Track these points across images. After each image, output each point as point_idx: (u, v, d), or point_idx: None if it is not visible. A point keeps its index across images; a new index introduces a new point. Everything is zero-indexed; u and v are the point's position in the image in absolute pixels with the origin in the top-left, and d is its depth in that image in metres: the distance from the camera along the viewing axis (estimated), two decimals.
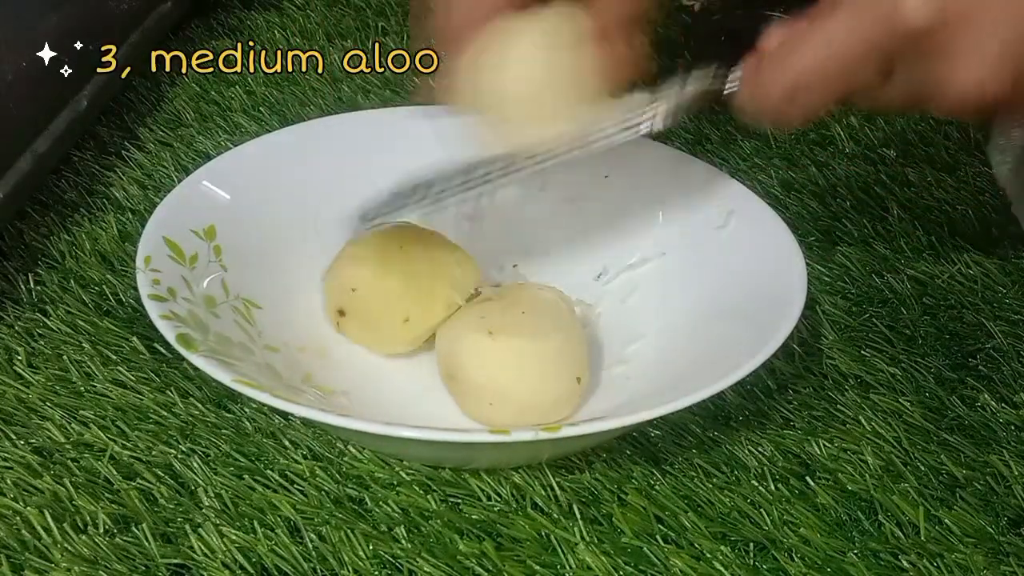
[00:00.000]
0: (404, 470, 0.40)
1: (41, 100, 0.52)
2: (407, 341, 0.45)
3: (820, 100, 0.38)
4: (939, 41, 0.35)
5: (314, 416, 0.36)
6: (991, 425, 0.44)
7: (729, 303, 0.45)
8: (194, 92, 0.65)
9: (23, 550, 0.36)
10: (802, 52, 0.37)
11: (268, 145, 0.51)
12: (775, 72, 0.38)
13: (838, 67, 0.37)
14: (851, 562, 0.38)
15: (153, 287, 0.41)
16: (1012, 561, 0.38)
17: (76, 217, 0.54)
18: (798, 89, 0.37)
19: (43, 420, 0.42)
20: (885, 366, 0.47)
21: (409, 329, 0.44)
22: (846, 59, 0.36)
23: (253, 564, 0.37)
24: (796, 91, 0.37)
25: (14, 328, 0.46)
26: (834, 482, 0.41)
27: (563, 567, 0.37)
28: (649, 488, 0.40)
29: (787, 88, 0.38)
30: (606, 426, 0.36)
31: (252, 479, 0.40)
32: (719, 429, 0.43)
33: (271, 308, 0.45)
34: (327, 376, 0.44)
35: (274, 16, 0.75)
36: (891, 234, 0.55)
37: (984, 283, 0.52)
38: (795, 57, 0.37)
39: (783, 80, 0.38)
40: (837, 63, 0.36)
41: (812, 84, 0.37)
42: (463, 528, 0.38)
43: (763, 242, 0.46)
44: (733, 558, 0.38)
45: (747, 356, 0.39)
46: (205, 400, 0.43)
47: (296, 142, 0.51)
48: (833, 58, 0.36)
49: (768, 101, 0.39)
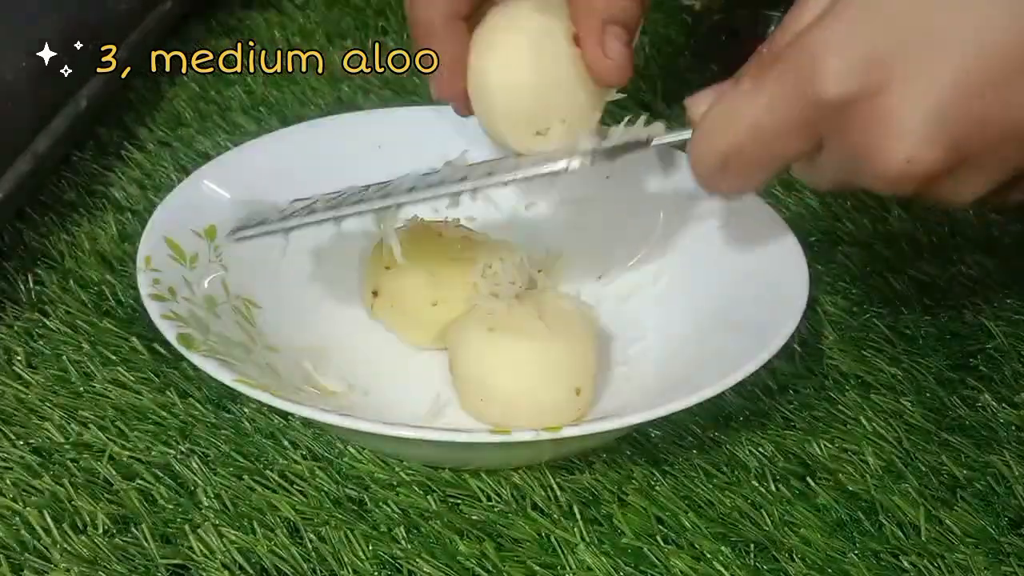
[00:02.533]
0: (404, 470, 0.40)
1: (41, 100, 0.52)
2: (434, 327, 0.45)
3: (752, 174, 0.37)
4: (863, 114, 0.32)
5: (314, 416, 0.36)
6: (992, 425, 0.44)
7: (730, 304, 0.45)
8: (194, 92, 0.65)
9: (22, 550, 0.36)
10: (726, 129, 0.36)
11: (269, 145, 0.51)
12: (702, 147, 0.37)
13: (763, 143, 0.35)
14: (852, 563, 0.38)
15: (153, 287, 0.41)
16: (1013, 561, 0.38)
17: (76, 217, 0.54)
18: (727, 164, 0.36)
19: (42, 420, 0.41)
20: (886, 366, 0.47)
21: (437, 314, 0.45)
22: (770, 135, 0.35)
23: (252, 564, 0.37)
24: (726, 166, 0.36)
25: (13, 328, 0.46)
26: (835, 482, 0.41)
27: (563, 568, 0.37)
28: (649, 488, 0.40)
29: (716, 164, 0.36)
30: (606, 426, 0.36)
31: (252, 479, 0.40)
32: (720, 429, 0.43)
33: (271, 308, 0.45)
34: (327, 376, 0.44)
35: (274, 16, 0.75)
36: (892, 234, 0.55)
37: (984, 283, 0.52)
38: (720, 134, 0.36)
39: (711, 156, 0.36)
40: (761, 139, 0.35)
41: (740, 160, 0.36)
42: (463, 528, 0.38)
43: (763, 242, 0.46)
44: (733, 559, 0.38)
45: (748, 356, 0.39)
46: (204, 400, 0.43)
47: (296, 142, 0.51)
48: (757, 133, 0.35)
49: (699, 172, 0.37)
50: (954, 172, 0.33)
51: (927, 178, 0.33)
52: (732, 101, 0.36)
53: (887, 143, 0.32)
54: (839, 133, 0.34)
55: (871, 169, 0.33)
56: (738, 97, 0.35)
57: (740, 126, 0.35)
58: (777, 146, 0.35)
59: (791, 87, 0.34)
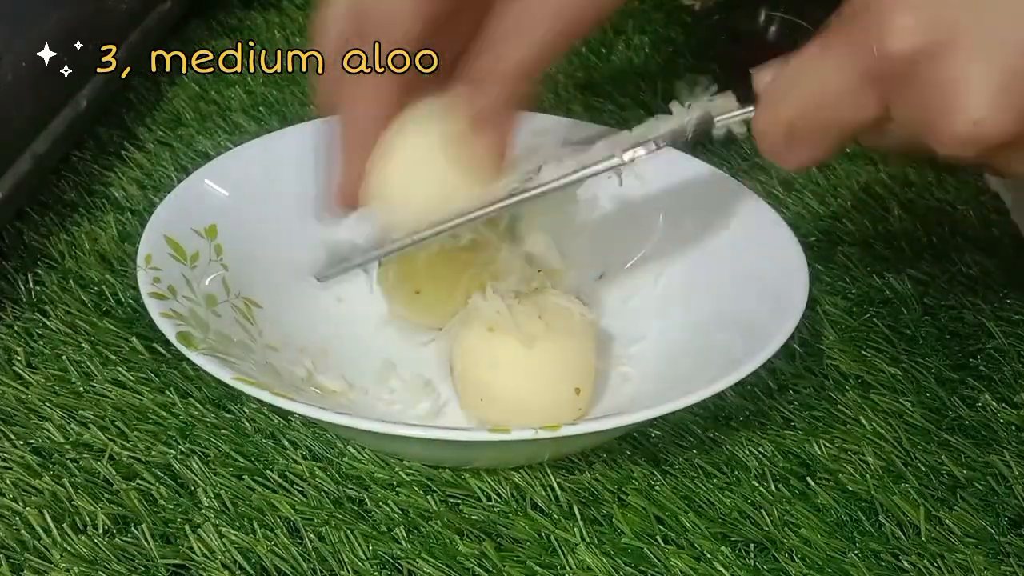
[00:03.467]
0: (404, 470, 0.40)
1: (41, 100, 0.52)
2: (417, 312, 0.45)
3: (819, 142, 0.35)
4: (930, 72, 0.31)
5: (314, 414, 0.36)
6: (992, 425, 0.44)
7: (729, 303, 0.45)
8: (194, 92, 0.65)
9: (22, 550, 0.36)
10: (793, 94, 0.35)
11: (269, 145, 0.51)
12: (768, 117, 0.36)
13: (829, 107, 0.34)
14: (852, 563, 0.38)
15: (153, 285, 0.41)
16: (1013, 561, 0.38)
17: (75, 217, 0.54)
18: (793, 133, 0.35)
19: (42, 420, 0.41)
20: (886, 366, 0.47)
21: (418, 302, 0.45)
22: (836, 97, 0.33)
23: (252, 564, 0.37)
24: (792, 135, 0.35)
25: (13, 328, 0.46)
26: (835, 482, 0.41)
27: (563, 568, 0.37)
28: (649, 488, 0.40)
29: (782, 133, 0.35)
30: (606, 426, 0.36)
31: (252, 479, 0.40)
32: (719, 429, 0.43)
33: (272, 307, 0.45)
34: (327, 375, 0.44)
35: (274, 16, 0.75)
36: (892, 234, 0.55)
37: (984, 283, 0.52)
38: (786, 100, 0.35)
39: (777, 125, 0.35)
40: (828, 102, 0.34)
41: (806, 127, 0.35)
42: (463, 528, 0.38)
43: (763, 242, 0.46)
44: (733, 559, 0.38)
45: (747, 356, 0.39)
46: (204, 400, 0.43)
47: (297, 142, 0.51)
48: (823, 97, 0.34)
49: (766, 146, 0.36)
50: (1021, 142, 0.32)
51: (994, 144, 0.31)
52: (797, 66, 0.34)
53: (955, 104, 0.31)
54: (905, 92, 0.32)
55: (937, 131, 0.32)
56: (803, 62, 0.34)
57: (805, 90, 0.34)
58: (844, 108, 0.34)
59: (857, 45, 0.32)
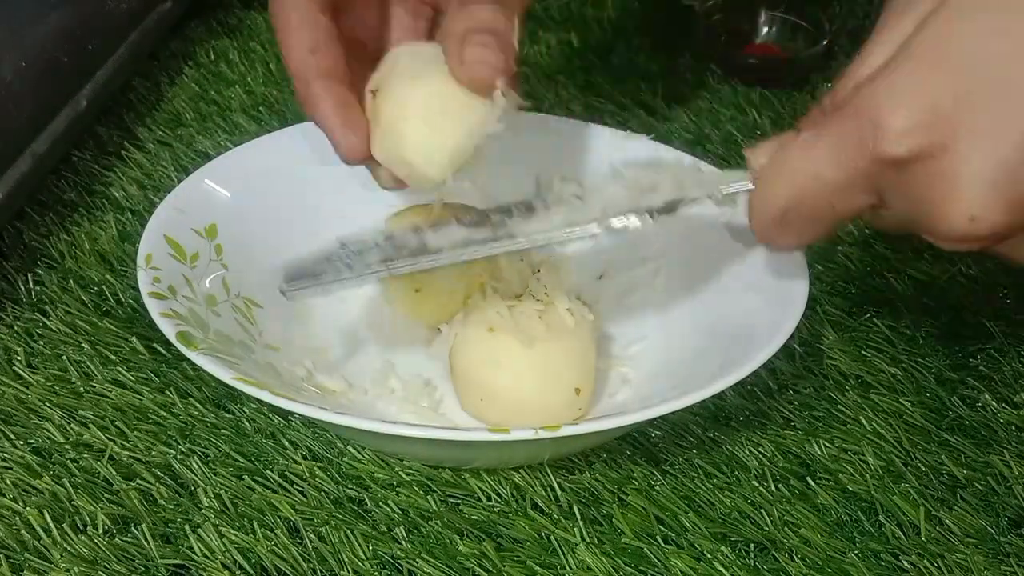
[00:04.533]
0: (404, 470, 0.40)
1: (41, 100, 0.52)
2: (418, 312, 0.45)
3: (811, 229, 0.36)
4: (926, 171, 0.32)
5: (314, 414, 0.36)
6: (991, 425, 0.44)
7: (729, 304, 0.45)
8: (193, 92, 0.65)
9: (23, 550, 0.36)
10: (785, 182, 0.35)
11: (269, 145, 0.51)
12: (761, 202, 0.36)
13: (823, 197, 0.35)
14: (851, 562, 0.38)
15: (154, 285, 0.41)
16: (1012, 561, 0.38)
17: (75, 217, 0.54)
18: (786, 219, 0.36)
19: (42, 420, 0.41)
20: (886, 366, 0.47)
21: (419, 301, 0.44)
22: (829, 189, 0.34)
23: (252, 564, 0.37)
24: (784, 222, 0.36)
25: (13, 328, 0.46)
26: (835, 482, 0.41)
27: (563, 568, 0.37)
28: (649, 488, 0.40)
29: (775, 219, 0.36)
30: (606, 425, 0.36)
31: (252, 479, 0.40)
32: (719, 429, 0.43)
33: (272, 307, 0.45)
34: (327, 375, 0.44)
35: None
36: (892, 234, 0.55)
37: (984, 283, 0.52)
38: (778, 188, 0.35)
39: (770, 211, 0.36)
40: (821, 193, 0.34)
41: (799, 215, 0.35)
42: (463, 528, 0.38)
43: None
44: (733, 559, 0.38)
45: (748, 356, 0.39)
46: (204, 400, 0.43)
47: (297, 142, 0.51)
48: (816, 188, 0.34)
49: (758, 228, 0.37)
50: (1017, 233, 0.32)
51: (991, 238, 0.32)
52: (792, 153, 0.35)
53: (950, 202, 0.32)
54: (901, 190, 0.33)
55: (934, 227, 0.33)
56: (798, 149, 0.35)
57: (800, 179, 0.35)
58: (838, 200, 0.34)
59: (853, 142, 0.33)
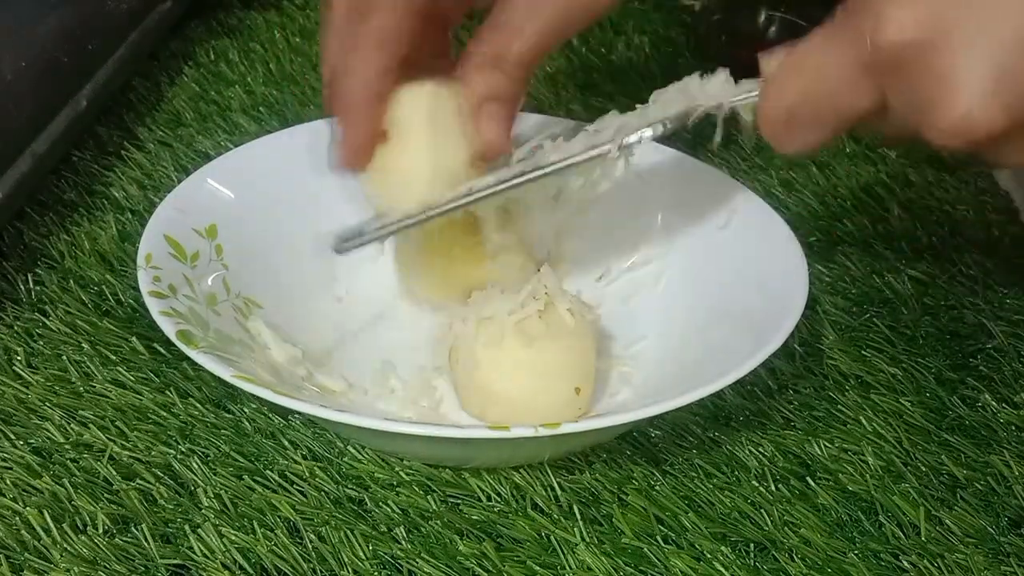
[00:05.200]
0: (404, 470, 0.40)
1: (41, 100, 0.52)
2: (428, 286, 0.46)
3: (818, 128, 0.36)
4: (922, 65, 0.32)
5: (313, 412, 0.36)
6: (992, 425, 0.44)
7: (729, 303, 0.45)
8: (193, 92, 0.65)
9: (22, 550, 0.36)
10: (794, 81, 0.36)
11: (270, 144, 0.51)
12: (771, 102, 0.37)
13: (829, 95, 0.35)
14: (852, 563, 0.38)
15: (154, 284, 0.41)
16: (1012, 561, 0.38)
17: (75, 217, 0.54)
18: (793, 118, 0.36)
19: (42, 420, 0.41)
20: (886, 366, 0.47)
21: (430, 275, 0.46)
22: (835, 86, 0.35)
23: (252, 565, 0.37)
24: (792, 120, 0.36)
25: (13, 328, 0.46)
26: (835, 482, 0.41)
27: (563, 568, 0.37)
28: (649, 488, 0.40)
29: (783, 118, 0.36)
30: (605, 423, 0.36)
31: (252, 479, 0.40)
32: (719, 429, 0.43)
33: (272, 307, 0.45)
34: (327, 375, 0.44)
35: (274, 16, 0.75)
36: (892, 234, 0.55)
37: (984, 283, 0.52)
38: (787, 87, 0.36)
39: (779, 110, 0.36)
40: (827, 91, 0.35)
41: (806, 113, 0.36)
42: (463, 528, 0.38)
43: (764, 242, 0.46)
44: (733, 559, 0.38)
45: (747, 356, 0.39)
46: (204, 400, 0.43)
47: (297, 142, 0.51)
48: (823, 85, 0.35)
49: (767, 129, 0.37)
50: (1009, 134, 0.32)
51: (984, 136, 0.32)
52: (799, 54, 0.36)
53: (946, 96, 0.32)
54: (900, 83, 0.33)
55: (929, 121, 0.33)
56: (805, 50, 0.35)
57: (806, 78, 0.35)
58: (842, 97, 0.35)
59: (855, 36, 0.33)
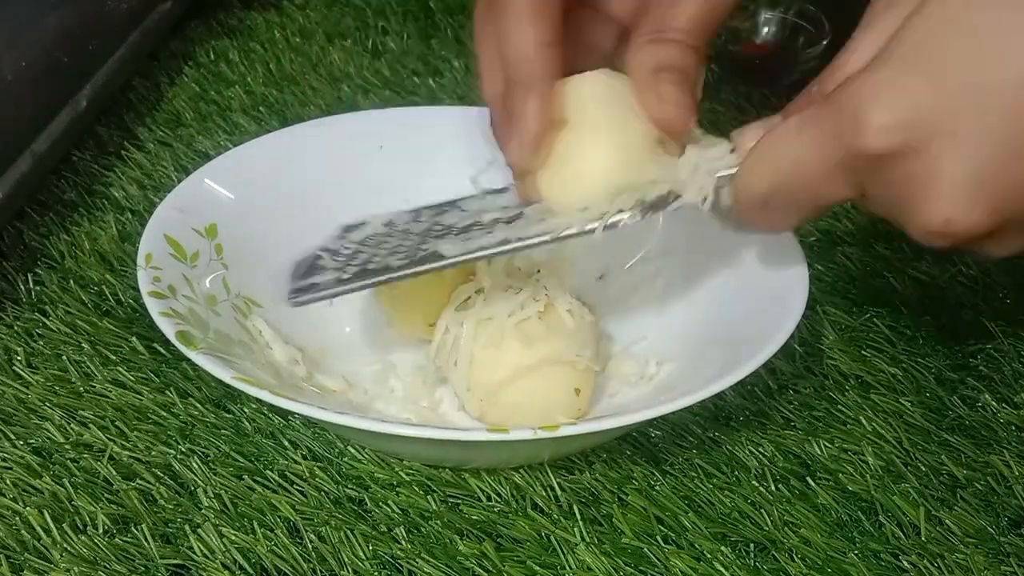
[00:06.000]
0: (404, 470, 0.40)
1: (41, 100, 0.52)
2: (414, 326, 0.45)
3: (791, 215, 0.37)
4: (904, 172, 0.32)
5: (313, 414, 0.36)
6: (992, 425, 0.44)
7: (730, 304, 0.45)
8: (193, 92, 0.65)
9: (23, 550, 0.36)
10: (769, 168, 0.36)
11: (270, 144, 0.51)
12: (744, 186, 0.37)
13: (805, 186, 0.35)
14: (852, 562, 0.38)
15: (154, 284, 0.41)
16: (1012, 561, 0.38)
17: (75, 217, 0.54)
18: (768, 204, 0.36)
19: (42, 420, 0.41)
20: (886, 366, 0.47)
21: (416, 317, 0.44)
22: (811, 178, 0.35)
23: (252, 564, 0.37)
24: (766, 206, 0.37)
25: (13, 328, 0.46)
26: (835, 482, 0.41)
27: (563, 568, 0.37)
28: (649, 488, 0.40)
29: (757, 203, 0.37)
30: (604, 425, 0.36)
31: (252, 479, 0.40)
32: (719, 429, 0.43)
33: (272, 307, 0.45)
34: (327, 375, 0.44)
35: (274, 16, 0.75)
36: (892, 234, 0.55)
37: (984, 283, 0.52)
38: (762, 173, 0.36)
39: (752, 195, 0.37)
40: (803, 182, 0.35)
41: (781, 201, 0.36)
42: (463, 528, 0.38)
43: (763, 242, 0.46)
44: (733, 559, 0.38)
45: (748, 356, 0.39)
46: (204, 400, 0.43)
47: (297, 142, 0.51)
48: (799, 176, 0.35)
49: (740, 211, 0.38)
50: (993, 233, 0.33)
51: (965, 238, 0.33)
52: (777, 139, 0.36)
53: (927, 202, 0.32)
54: (880, 186, 0.34)
55: (911, 223, 0.33)
56: (783, 135, 0.35)
57: (781, 167, 0.35)
58: (819, 188, 0.35)
59: (835, 134, 0.33)
